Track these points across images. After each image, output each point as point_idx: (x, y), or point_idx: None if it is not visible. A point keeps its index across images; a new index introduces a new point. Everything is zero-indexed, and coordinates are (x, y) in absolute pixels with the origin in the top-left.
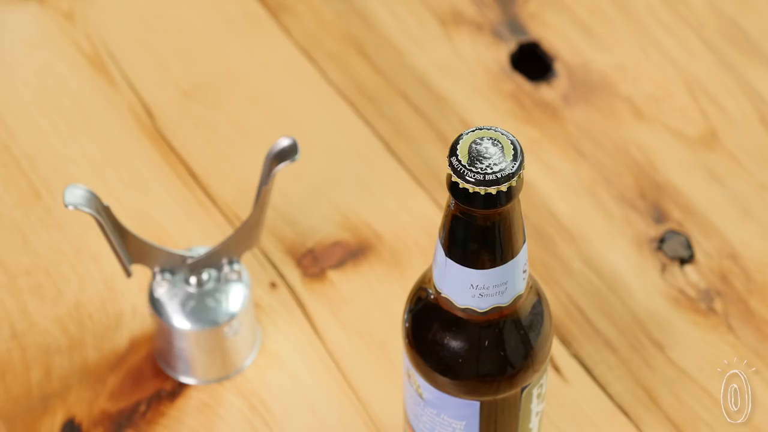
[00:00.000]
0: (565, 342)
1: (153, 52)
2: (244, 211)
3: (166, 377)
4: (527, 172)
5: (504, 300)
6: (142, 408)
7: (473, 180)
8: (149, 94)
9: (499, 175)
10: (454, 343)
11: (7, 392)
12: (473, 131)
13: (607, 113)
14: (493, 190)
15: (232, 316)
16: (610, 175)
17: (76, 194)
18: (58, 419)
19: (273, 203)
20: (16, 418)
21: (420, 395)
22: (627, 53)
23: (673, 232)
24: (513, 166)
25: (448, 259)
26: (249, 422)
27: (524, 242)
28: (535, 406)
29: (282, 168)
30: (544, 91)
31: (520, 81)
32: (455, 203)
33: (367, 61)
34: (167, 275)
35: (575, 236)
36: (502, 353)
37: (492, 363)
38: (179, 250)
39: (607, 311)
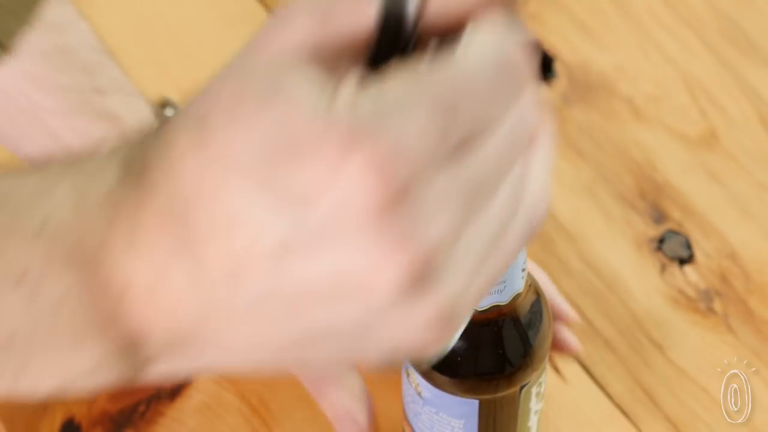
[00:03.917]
0: None
1: (153, 52)
2: None
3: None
4: None
5: (503, 298)
6: (142, 408)
7: None
8: (149, 94)
9: None
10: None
11: None
12: None
13: (606, 113)
14: None
15: None
16: (610, 175)
17: None
18: (57, 419)
19: None
20: (15, 418)
21: (419, 394)
22: (626, 53)
23: (673, 232)
24: None
25: None
26: (249, 422)
27: None
28: (534, 405)
29: None
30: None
31: None
32: None
33: None
34: None
35: (574, 236)
36: (501, 351)
37: (491, 361)
38: None
39: (607, 311)
